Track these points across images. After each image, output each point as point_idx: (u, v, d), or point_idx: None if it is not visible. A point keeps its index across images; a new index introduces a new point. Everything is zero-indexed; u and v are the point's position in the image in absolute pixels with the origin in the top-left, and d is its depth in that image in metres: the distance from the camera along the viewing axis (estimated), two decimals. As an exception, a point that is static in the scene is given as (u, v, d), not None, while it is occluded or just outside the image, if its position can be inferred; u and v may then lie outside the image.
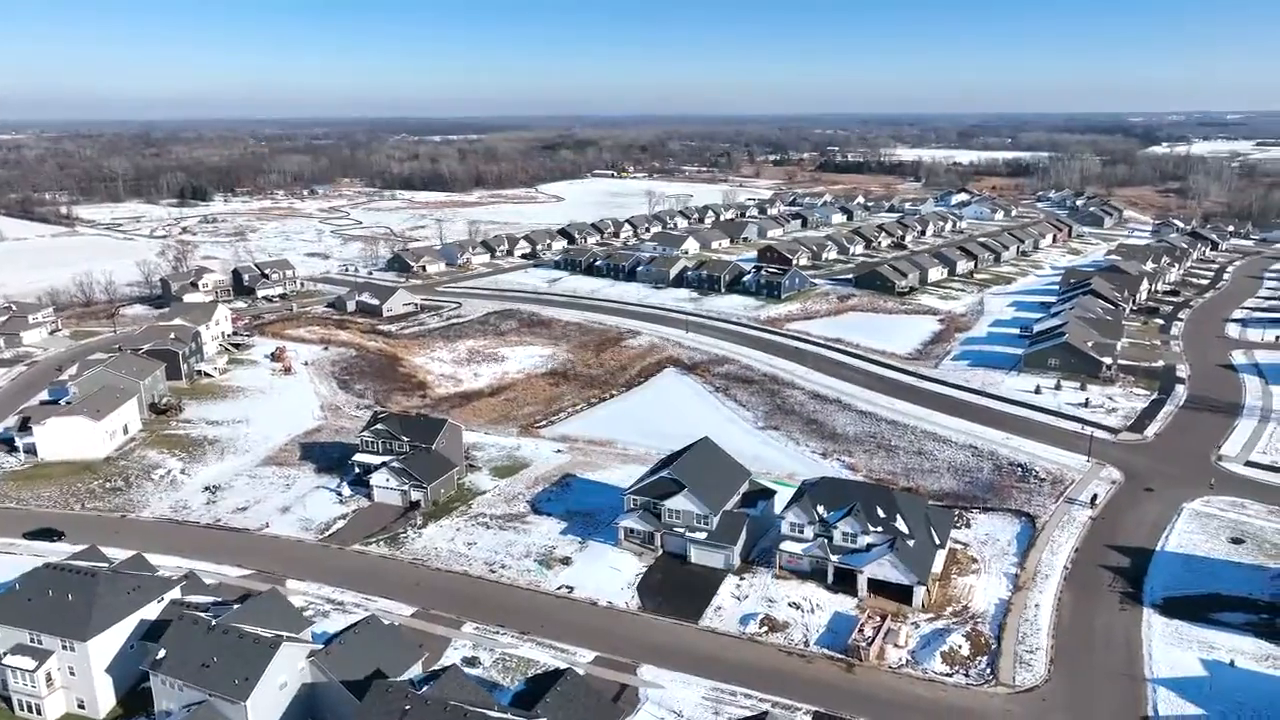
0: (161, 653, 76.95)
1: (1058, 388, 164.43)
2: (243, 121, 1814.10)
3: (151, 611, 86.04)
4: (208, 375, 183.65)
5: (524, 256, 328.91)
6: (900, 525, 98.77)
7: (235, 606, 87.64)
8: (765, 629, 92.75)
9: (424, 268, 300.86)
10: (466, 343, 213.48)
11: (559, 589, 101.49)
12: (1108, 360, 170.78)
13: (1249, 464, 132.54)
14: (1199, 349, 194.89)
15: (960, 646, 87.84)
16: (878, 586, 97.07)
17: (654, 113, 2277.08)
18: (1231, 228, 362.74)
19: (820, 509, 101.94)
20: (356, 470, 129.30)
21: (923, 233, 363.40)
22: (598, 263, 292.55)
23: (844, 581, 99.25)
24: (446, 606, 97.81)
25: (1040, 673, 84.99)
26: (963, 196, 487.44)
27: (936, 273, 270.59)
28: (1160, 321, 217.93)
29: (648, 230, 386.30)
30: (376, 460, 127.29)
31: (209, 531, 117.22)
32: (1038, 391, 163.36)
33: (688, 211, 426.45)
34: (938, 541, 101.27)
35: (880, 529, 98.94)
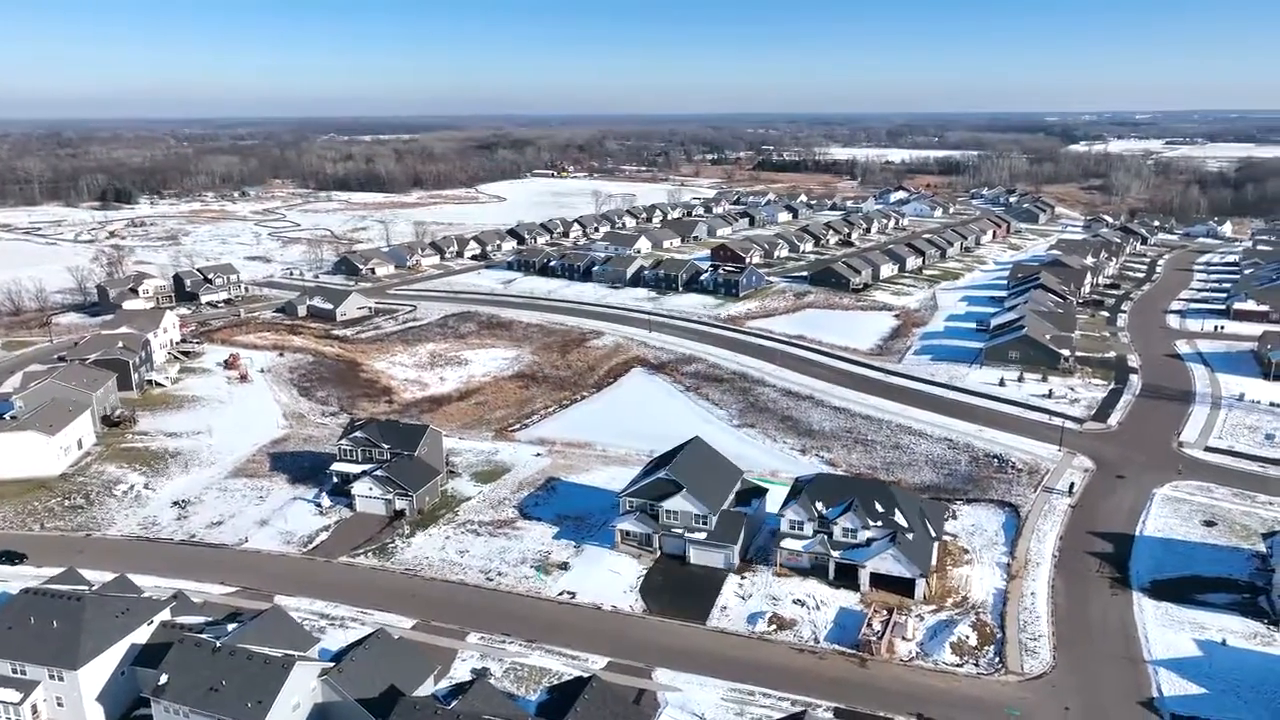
0: (164, 678, 73.26)
1: (1020, 380, 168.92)
2: (160, 121, 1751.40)
3: (142, 635, 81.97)
4: (159, 385, 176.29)
5: (474, 258, 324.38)
6: (899, 519, 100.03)
7: (231, 626, 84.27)
8: (774, 627, 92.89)
9: (373, 270, 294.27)
10: (427, 346, 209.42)
11: (560, 595, 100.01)
12: (1065, 352, 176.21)
13: (1208, 449, 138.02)
14: (1145, 339, 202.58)
15: (968, 637, 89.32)
16: (880, 580, 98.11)
17: (586, 113, 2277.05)
18: (1157, 223, 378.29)
19: (819, 505, 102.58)
20: (335, 480, 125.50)
21: (868, 230, 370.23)
22: (552, 263, 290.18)
23: (845, 577, 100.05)
24: (447, 617, 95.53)
25: (1046, 660, 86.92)
26: (901, 194, 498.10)
27: (888, 269, 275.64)
28: (1105, 314, 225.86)
29: (597, 230, 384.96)
30: (356, 469, 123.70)
31: (184, 548, 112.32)
32: (1002, 384, 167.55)
33: (635, 211, 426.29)
34: (933, 534, 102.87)
35: (880, 523, 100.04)
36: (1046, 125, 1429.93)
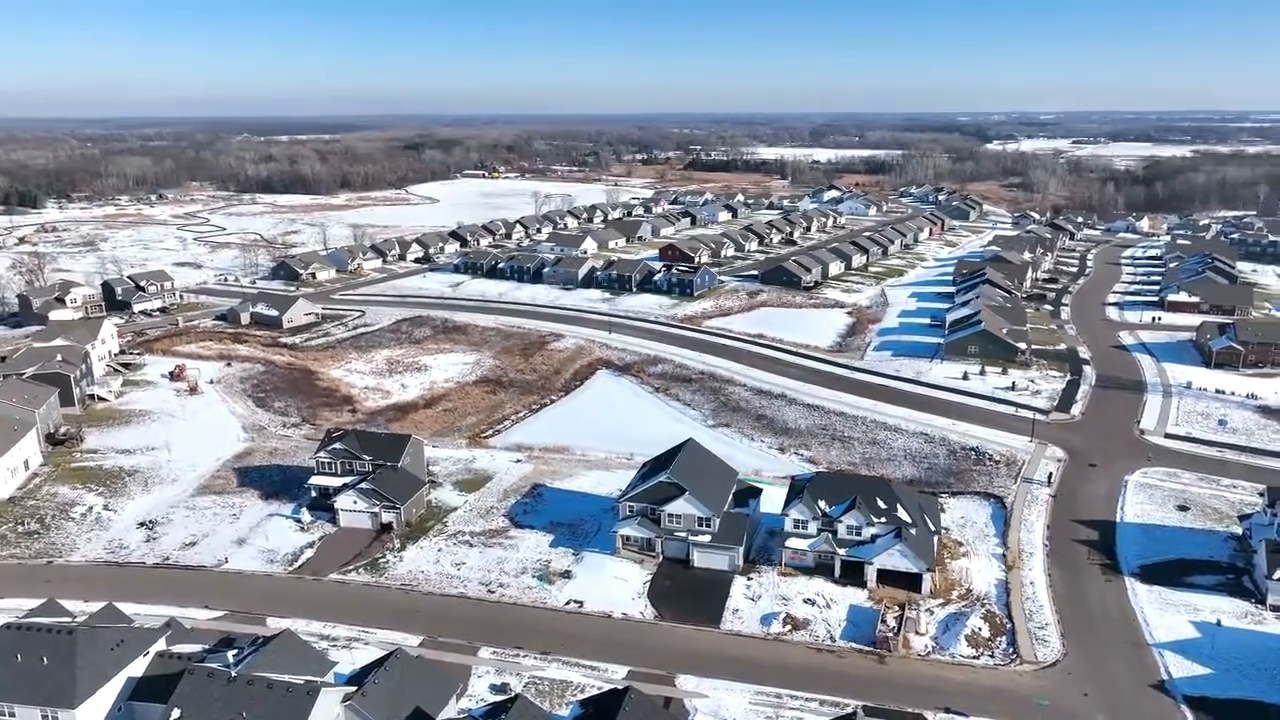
0: (176, 713, 68.85)
1: (982, 373, 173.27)
2: (54, 121, 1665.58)
3: (138, 668, 76.88)
4: (102, 399, 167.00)
5: (418, 261, 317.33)
6: (902, 514, 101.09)
7: (231, 654, 79.95)
8: (789, 628, 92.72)
9: (314, 275, 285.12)
10: (382, 352, 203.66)
11: (568, 604, 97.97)
12: (1022, 345, 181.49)
13: (1168, 436, 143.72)
14: (1090, 332, 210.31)
15: (981, 629, 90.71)
16: (886, 576, 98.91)
17: (510, 113, 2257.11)
18: (1080, 219, 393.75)
19: (822, 504, 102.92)
20: (313, 494, 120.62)
21: (808, 229, 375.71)
22: (500, 265, 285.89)
23: (850, 574, 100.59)
24: (454, 632, 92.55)
25: (1057, 648, 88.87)
26: (834, 193, 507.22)
27: (836, 267, 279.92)
28: (1049, 308, 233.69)
29: (539, 231, 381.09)
30: (337, 482, 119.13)
31: (159, 572, 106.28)
32: (965, 378, 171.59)
33: (576, 211, 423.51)
34: (933, 528, 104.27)
35: (883, 520, 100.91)
36: (960, 125, 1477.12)
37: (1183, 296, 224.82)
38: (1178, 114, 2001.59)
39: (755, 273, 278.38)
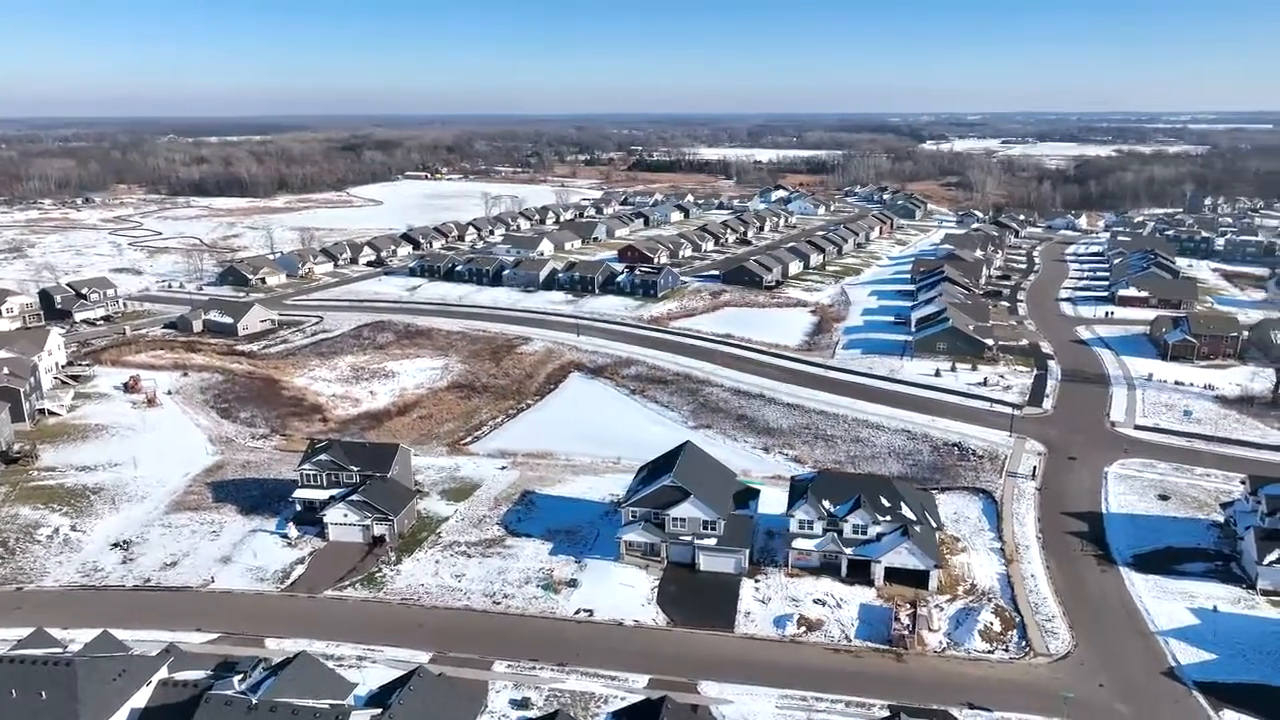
0: (195, 745, 65.46)
1: (953, 370, 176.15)
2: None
3: (141, 698, 73.16)
4: (54, 414, 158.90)
5: (370, 264, 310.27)
6: (906, 512, 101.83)
7: (238, 679, 76.48)
8: (803, 629, 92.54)
9: (264, 280, 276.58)
10: (346, 359, 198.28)
11: (577, 613, 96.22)
12: (990, 341, 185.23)
13: (1138, 428, 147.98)
14: (1048, 327, 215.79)
15: (992, 623, 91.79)
16: (893, 574, 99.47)
17: (444, 113, 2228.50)
18: (1022, 217, 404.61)
19: (826, 504, 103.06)
20: (299, 507, 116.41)
21: (761, 228, 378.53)
22: (458, 268, 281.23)
23: (857, 573, 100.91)
24: (463, 647, 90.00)
25: (1066, 639, 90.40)
26: (782, 193, 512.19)
27: (795, 266, 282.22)
28: (1006, 304, 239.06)
29: (491, 232, 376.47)
30: (323, 494, 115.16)
31: (141, 595, 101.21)
32: (938, 374, 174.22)
33: (528, 213, 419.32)
34: (934, 525, 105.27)
35: (888, 518, 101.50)
36: (892, 126, 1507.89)
37: (1132, 291, 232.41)
38: (1097, 115, 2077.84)
39: (717, 273, 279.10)
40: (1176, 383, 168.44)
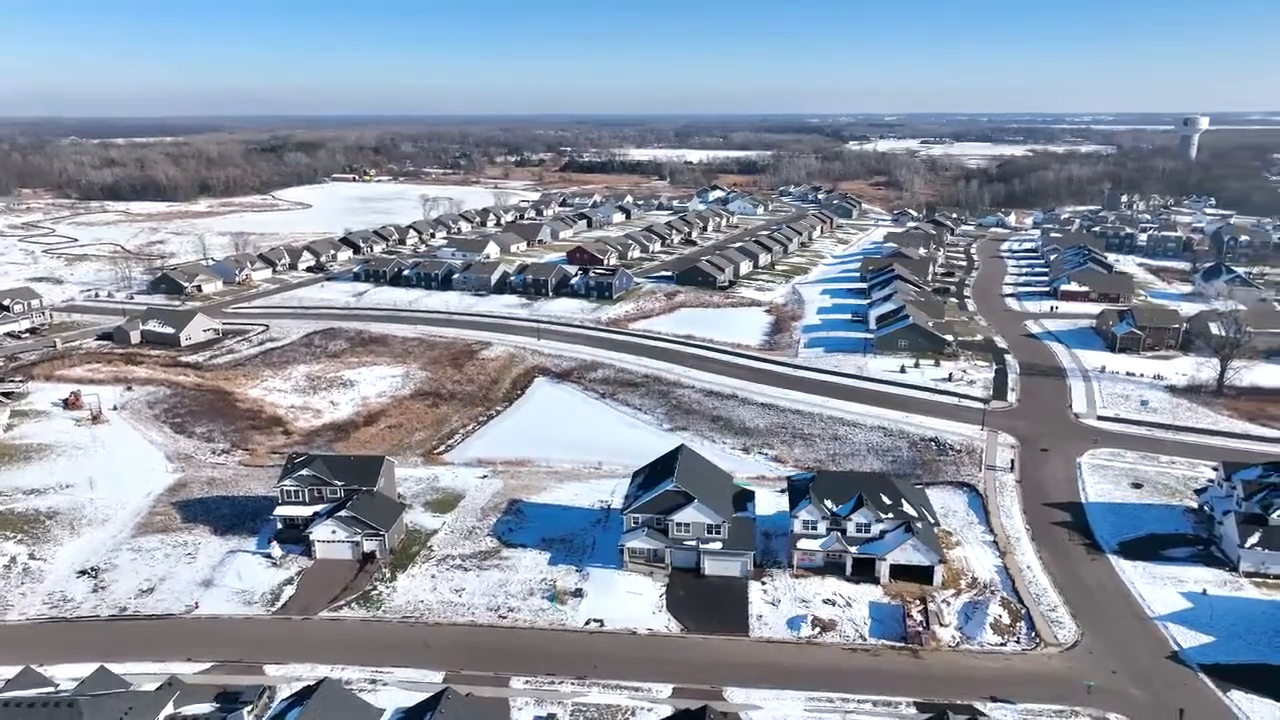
0: (225, 785, 61.65)
1: (916, 366, 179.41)
2: None
3: (149, 737, 68.73)
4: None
5: (310, 269, 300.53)
6: (907, 509, 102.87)
7: (247, 711, 72.67)
8: (817, 630, 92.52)
9: (199, 288, 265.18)
10: (299, 368, 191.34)
11: (588, 624, 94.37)
12: (949, 337, 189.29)
13: (1100, 419, 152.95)
14: (998, 322, 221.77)
15: (1001, 616, 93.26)
16: (898, 571, 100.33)
17: (365, 114, 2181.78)
18: (955, 215, 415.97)
19: (828, 503, 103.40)
20: (279, 525, 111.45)
21: (705, 229, 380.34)
22: (405, 272, 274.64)
23: (861, 571, 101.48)
24: (476, 664, 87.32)
25: (1072, 629, 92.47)
26: (719, 193, 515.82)
27: (746, 266, 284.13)
28: (955, 300, 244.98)
29: (433, 235, 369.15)
30: (307, 511, 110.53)
31: (120, 625, 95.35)
32: (903, 371, 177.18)
33: (469, 215, 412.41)
34: (932, 520, 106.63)
35: (890, 515, 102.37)
36: (813, 126, 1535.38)
37: (1073, 286, 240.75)
38: (1006, 116, 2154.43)
39: (669, 274, 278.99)
40: (1128, 374, 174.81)
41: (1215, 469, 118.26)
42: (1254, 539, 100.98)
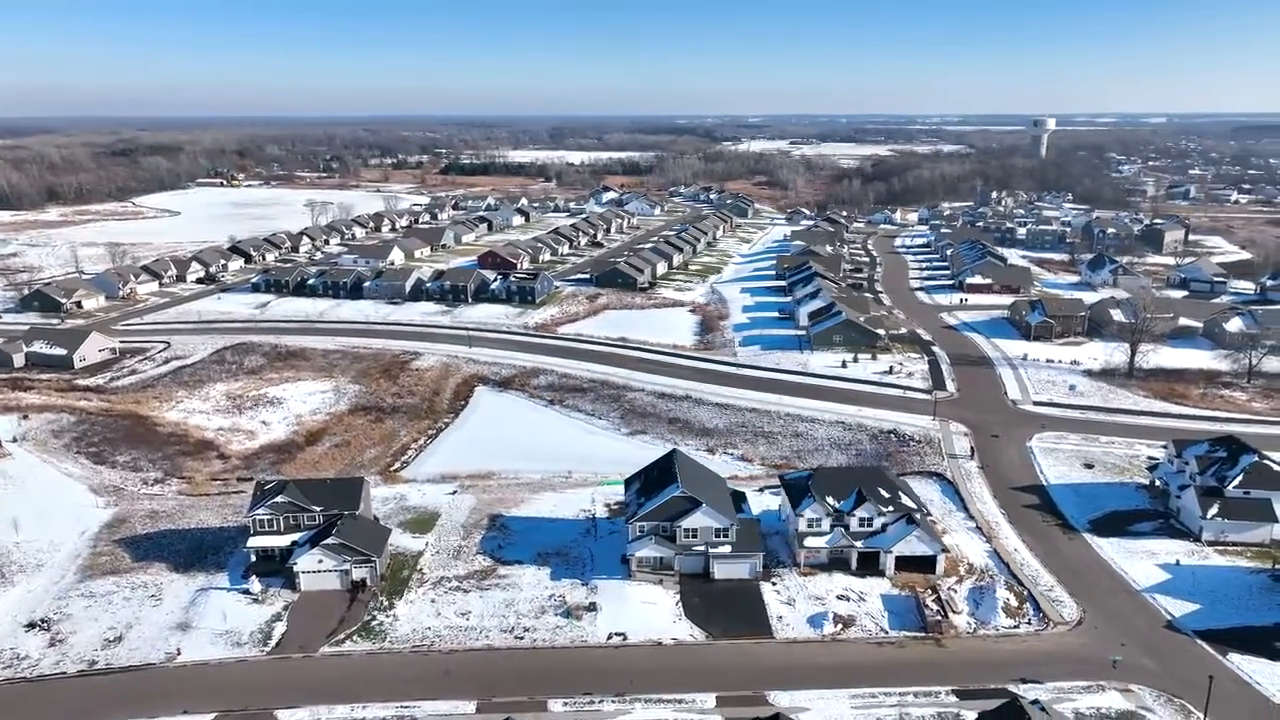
0: None
1: (855, 360, 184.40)
2: None
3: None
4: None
5: (200, 281, 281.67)
6: (906, 501, 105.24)
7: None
8: (839, 626, 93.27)
9: (79, 304, 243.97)
10: (217, 387, 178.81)
11: (610, 638, 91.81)
12: (882, 331, 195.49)
13: (1036, 404, 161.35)
14: (915, 315, 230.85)
15: (1009, 599, 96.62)
16: (901, 562, 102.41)
17: (217, 114, 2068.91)
18: (845, 213, 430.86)
19: (830, 500, 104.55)
20: (254, 558, 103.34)
21: (608, 230, 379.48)
22: (310, 281, 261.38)
23: (865, 565, 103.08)
24: (505, 690, 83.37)
25: (1072, 607, 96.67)
26: (611, 194, 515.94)
27: (661, 267, 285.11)
28: (870, 295, 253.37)
29: (327, 242, 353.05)
30: (284, 540, 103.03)
31: (92, 682, 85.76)
32: (844, 366, 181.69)
33: (362, 220, 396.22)
34: (924, 510, 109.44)
35: (890, 508, 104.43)
36: (681, 127, 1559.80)
37: (978, 279, 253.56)
38: (863, 117, 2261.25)
39: (585, 276, 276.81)
40: (1049, 360, 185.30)
41: (1165, 447, 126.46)
42: (1214, 510, 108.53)
